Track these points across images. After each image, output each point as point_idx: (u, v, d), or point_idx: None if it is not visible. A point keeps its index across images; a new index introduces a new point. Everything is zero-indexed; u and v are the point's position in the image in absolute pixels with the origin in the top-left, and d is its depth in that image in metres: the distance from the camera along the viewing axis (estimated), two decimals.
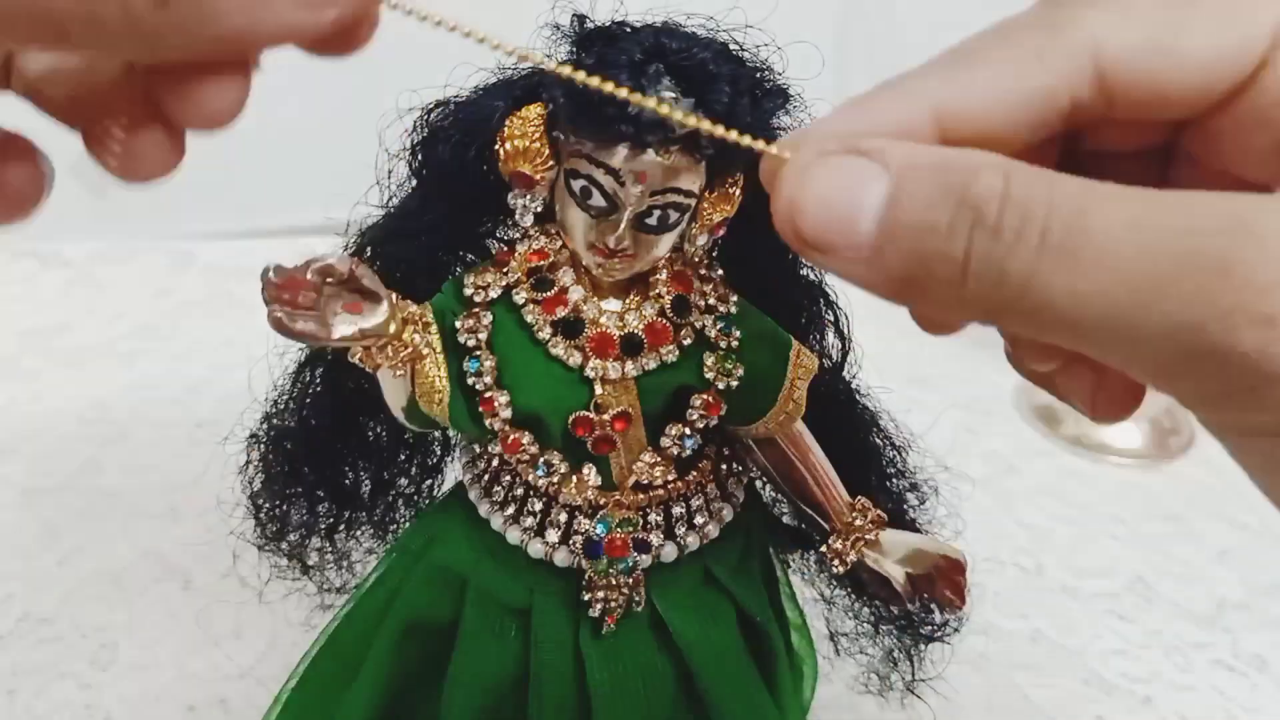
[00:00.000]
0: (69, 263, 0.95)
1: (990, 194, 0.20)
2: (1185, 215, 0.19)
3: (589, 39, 0.32)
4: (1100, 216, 0.19)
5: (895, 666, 0.45)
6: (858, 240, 0.21)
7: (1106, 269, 0.19)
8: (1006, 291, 0.20)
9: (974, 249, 0.20)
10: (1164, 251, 0.19)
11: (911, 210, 0.21)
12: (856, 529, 0.38)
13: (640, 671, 0.38)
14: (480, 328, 0.35)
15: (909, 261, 0.21)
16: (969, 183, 0.20)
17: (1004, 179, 0.20)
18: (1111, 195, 0.20)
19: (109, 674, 0.55)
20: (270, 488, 0.43)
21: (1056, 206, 0.19)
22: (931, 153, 0.21)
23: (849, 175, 0.21)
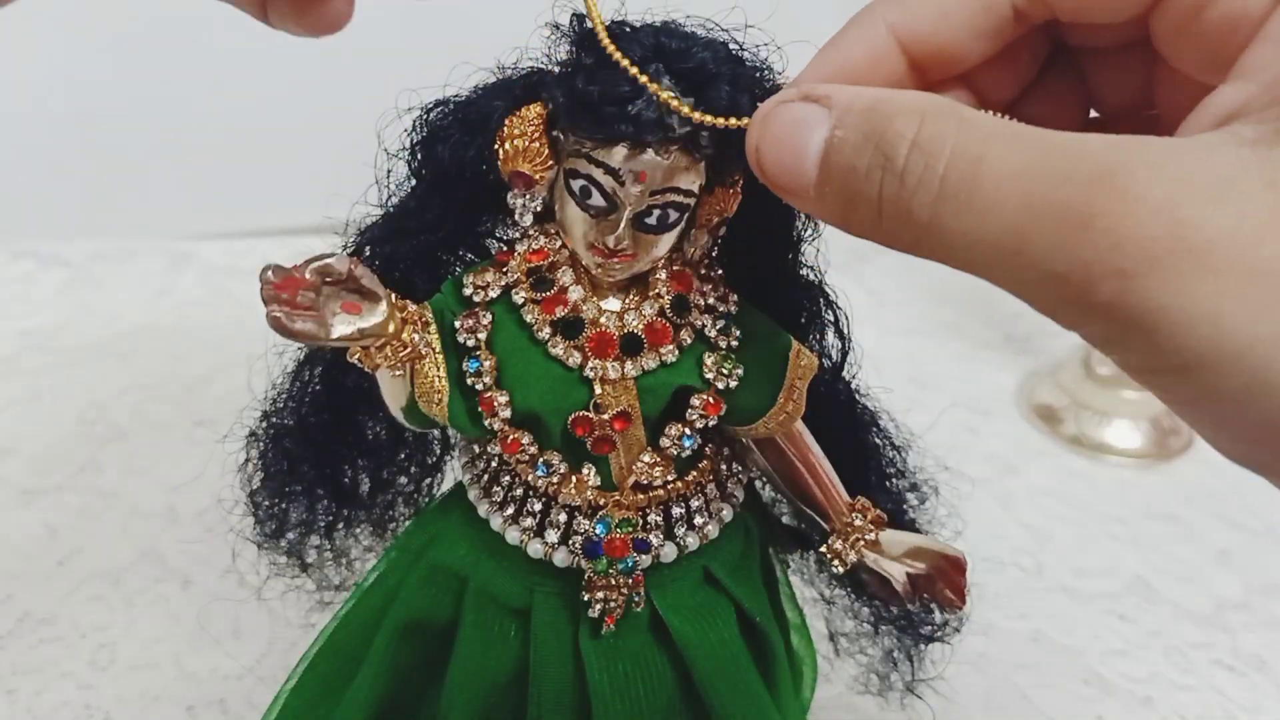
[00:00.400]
0: (68, 263, 0.95)
1: (901, 139, 0.22)
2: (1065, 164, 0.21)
3: (589, 39, 0.32)
4: (993, 164, 0.21)
5: (895, 667, 0.45)
6: (804, 180, 0.24)
7: (994, 216, 0.21)
8: (914, 230, 0.22)
9: (884, 191, 0.22)
10: (1041, 202, 0.20)
11: (841, 154, 0.23)
12: (856, 529, 0.38)
13: (640, 672, 0.38)
14: (479, 327, 0.35)
15: (841, 200, 0.23)
16: (885, 128, 0.22)
17: (918, 123, 0.22)
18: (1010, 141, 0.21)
19: (109, 674, 0.55)
20: (269, 486, 0.43)
21: (957, 153, 0.21)
22: (868, 96, 0.23)
23: (797, 120, 0.24)
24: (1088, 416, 0.78)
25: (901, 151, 0.22)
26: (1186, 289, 0.19)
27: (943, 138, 0.21)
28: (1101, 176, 0.20)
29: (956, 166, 0.21)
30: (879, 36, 0.26)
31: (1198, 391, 0.21)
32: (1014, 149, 0.21)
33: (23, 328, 0.86)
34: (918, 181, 0.22)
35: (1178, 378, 0.21)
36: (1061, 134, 0.21)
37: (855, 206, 0.23)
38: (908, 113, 0.22)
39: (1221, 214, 0.20)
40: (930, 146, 0.22)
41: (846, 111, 0.23)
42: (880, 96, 0.23)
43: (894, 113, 0.22)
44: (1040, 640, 0.61)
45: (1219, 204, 0.20)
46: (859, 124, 0.23)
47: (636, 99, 0.30)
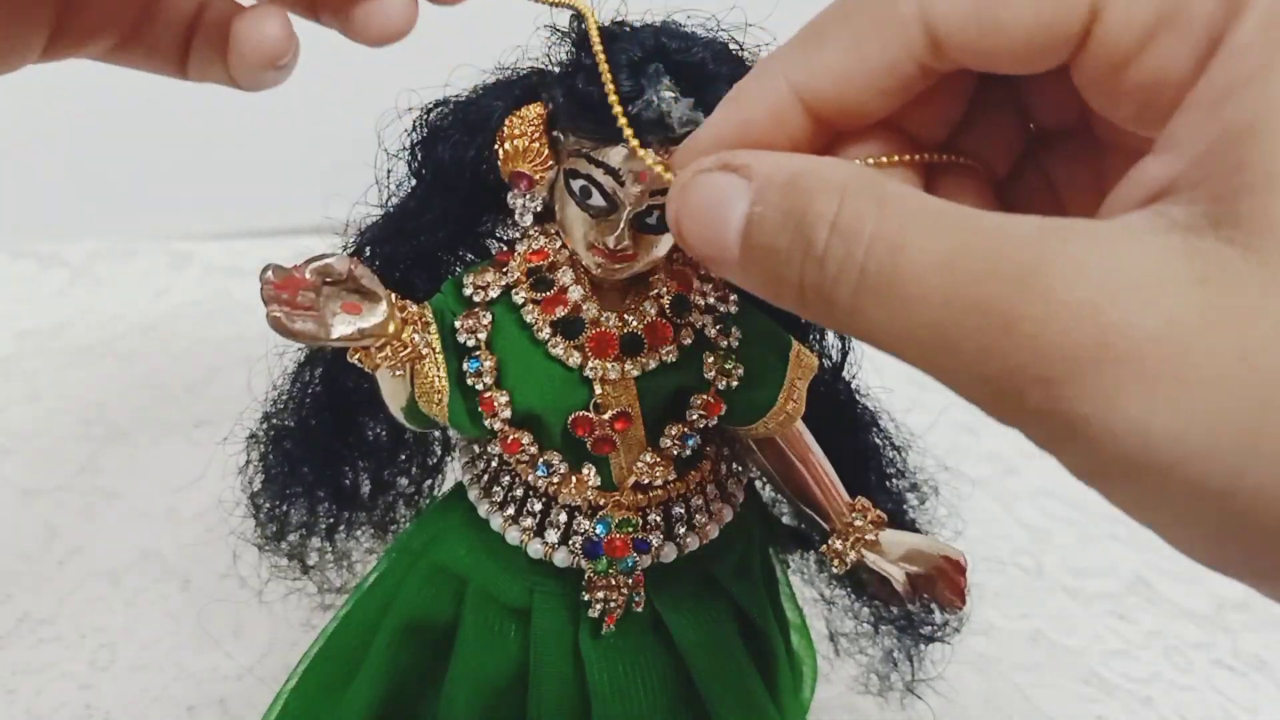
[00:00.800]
0: (68, 263, 0.95)
1: (820, 220, 0.21)
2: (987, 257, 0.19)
3: (589, 39, 0.32)
4: (913, 253, 0.20)
5: (895, 667, 0.45)
6: (727, 255, 0.23)
7: (916, 310, 0.20)
8: (838, 316, 0.21)
9: (806, 277, 0.21)
10: (962, 300, 0.19)
11: (762, 232, 0.22)
12: (856, 529, 0.38)
13: (640, 672, 0.38)
14: (480, 328, 0.35)
15: (765, 278, 0.22)
16: (805, 208, 0.21)
17: (838, 203, 0.21)
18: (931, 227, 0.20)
19: (108, 674, 0.55)
20: (270, 487, 0.43)
21: (876, 239, 0.20)
22: (788, 168, 0.22)
23: (717, 193, 0.23)
24: None
25: (821, 235, 0.21)
26: (1112, 399, 0.18)
27: (862, 220, 0.20)
28: (1023, 275, 0.19)
29: (876, 254, 0.20)
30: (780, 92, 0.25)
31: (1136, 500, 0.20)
32: (935, 236, 0.20)
33: (23, 328, 0.86)
34: (838, 269, 0.21)
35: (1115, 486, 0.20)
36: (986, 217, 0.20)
37: (779, 286, 0.22)
38: (828, 191, 0.21)
39: (1148, 317, 0.18)
40: (849, 230, 0.20)
41: (766, 185, 0.22)
42: (800, 170, 0.22)
43: (814, 190, 0.21)
44: (1040, 640, 0.61)
45: (1146, 305, 0.18)
46: (779, 201, 0.22)
47: (636, 99, 0.30)
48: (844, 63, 0.24)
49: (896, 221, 0.20)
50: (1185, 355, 0.18)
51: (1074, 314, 0.18)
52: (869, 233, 0.20)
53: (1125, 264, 0.19)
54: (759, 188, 0.22)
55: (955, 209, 0.20)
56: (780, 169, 0.22)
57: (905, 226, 0.20)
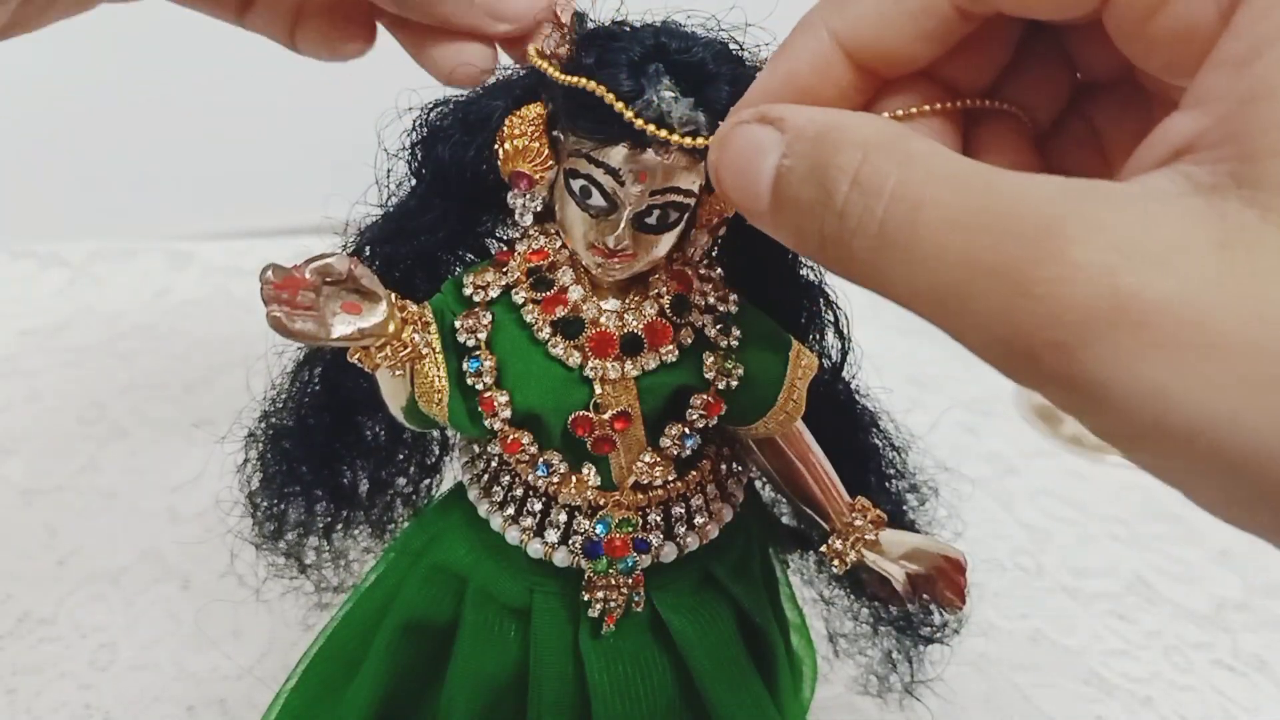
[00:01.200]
0: (68, 263, 0.95)
1: (841, 175, 0.21)
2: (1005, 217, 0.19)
3: (590, 38, 0.32)
4: (932, 211, 0.20)
5: (894, 668, 0.45)
6: (759, 205, 0.23)
7: (933, 268, 0.20)
8: (857, 269, 0.22)
9: (826, 229, 0.22)
10: (979, 260, 0.19)
11: (789, 184, 0.23)
12: (856, 529, 0.38)
13: (640, 671, 0.38)
14: (479, 327, 0.34)
15: (791, 229, 0.23)
16: (828, 161, 0.21)
17: (860, 158, 0.21)
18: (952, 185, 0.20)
19: (108, 674, 0.55)
20: (268, 486, 0.43)
21: (896, 196, 0.20)
22: (819, 122, 0.23)
23: (753, 144, 0.24)
24: None
25: (841, 189, 0.21)
26: (1129, 364, 0.18)
27: (883, 176, 0.21)
28: (1039, 237, 0.19)
29: (895, 211, 0.20)
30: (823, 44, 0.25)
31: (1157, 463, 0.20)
32: (955, 194, 0.20)
33: (23, 328, 0.86)
34: (857, 223, 0.21)
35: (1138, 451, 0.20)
36: (1007, 178, 0.20)
37: (803, 237, 0.23)
38: (852, 146, 0.21)
39: (1167, 280, 0.18)
40: (869, 185, 0.21)
41: (797, 138, 0.23)
42: (830, 124, 0.22)
43: (839, 144, 0.22)
44: (1040, 640, 0.61)
45: (1164, 269, 0.18)
46: (806, 153, 0.22)
47: (636, 100, 0.30)
48: (880, 7, 0.24)
49: (918, 179, 0.20)
50: (1205, 320, 0.18)
51: (1088, 277, 0.18)
52: (889, 189, 0.20)
53: (1143, 227, 0.18)
54: (790, 140, 0.23)
55: (978, 169, 0.20)
56: (812, 122, 0.23)
57: (925, 184, 0.20)
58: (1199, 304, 0.18)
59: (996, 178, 0.20)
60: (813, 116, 0.23)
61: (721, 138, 0.25)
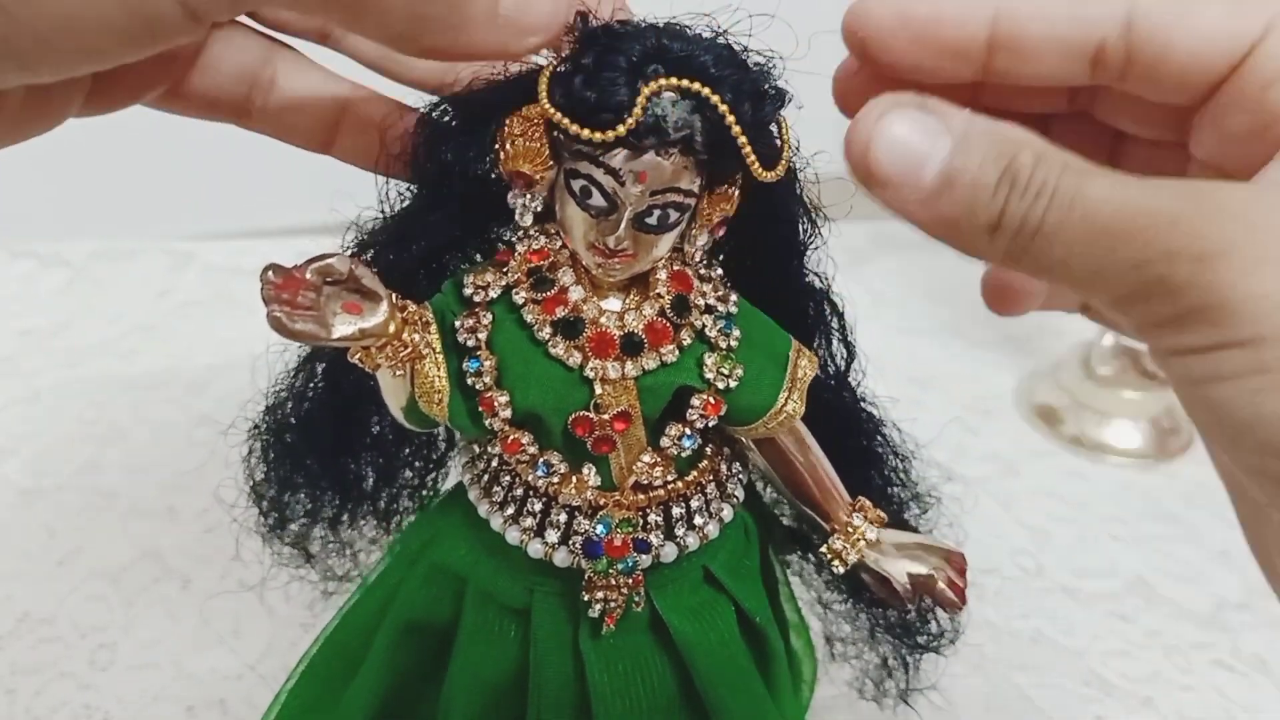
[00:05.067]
0: (69, 263, 0.95)
1: (1025, 165, 0.26)
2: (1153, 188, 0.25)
3: (591, 37, 0.32)
4: (1092, 187, 0.25)
5: (890, 675, 0.45)
6: (920, 183, 0.26)
7: (1092, 223, 0.25)
8: (1023, 238, 0.26)
9: (1009, 204, 0.26)
10: (1132, 212, 0.25)
11: (969, 168, 0.26)
12: (856, 529, 0.38)
13: (640, 672, 0.38)
14: (480, 327, 0.34)
15: (959, 207, 0.26)
16: (1014, 154, 0.26)
17: (1034, 158, 0.26)
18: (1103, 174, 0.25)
19: (108, 674, 0.55)
20: (273, 478, 0.43)
21: (1064, 182, 0.25)
22: (983, 121, 0.27)
23: (921, 128, 0.27)
24: (1088, 416, 0.78)
25: (1025, 175, 0.26)
26: (1255, 275, 0.24)
27: (1054, 169, 0.26)
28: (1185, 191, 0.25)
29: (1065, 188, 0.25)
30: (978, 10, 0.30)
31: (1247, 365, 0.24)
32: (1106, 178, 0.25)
33: (23, 328, 0.86)
34: (1035, 198, 0.25)
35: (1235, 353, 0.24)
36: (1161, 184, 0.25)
37: (973, 216, 0.26)
38: (1029, 145, 0.26)
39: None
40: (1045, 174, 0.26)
41: (968, 133, 0.26)
42: (997, 125, 0.27)
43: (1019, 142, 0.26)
44: (1040, 640, 0.61)
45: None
46: (985, 146, 0.26)
47: (634, 104, 0.30)
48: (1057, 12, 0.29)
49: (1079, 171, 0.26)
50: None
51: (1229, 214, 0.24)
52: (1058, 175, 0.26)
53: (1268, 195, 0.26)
54: (963, 132, 0.26)
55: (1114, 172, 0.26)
56: (978, 120, 0.27)
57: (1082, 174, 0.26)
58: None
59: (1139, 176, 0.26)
60: (973, 119, 0.27)
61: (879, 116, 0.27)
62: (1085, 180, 0.25)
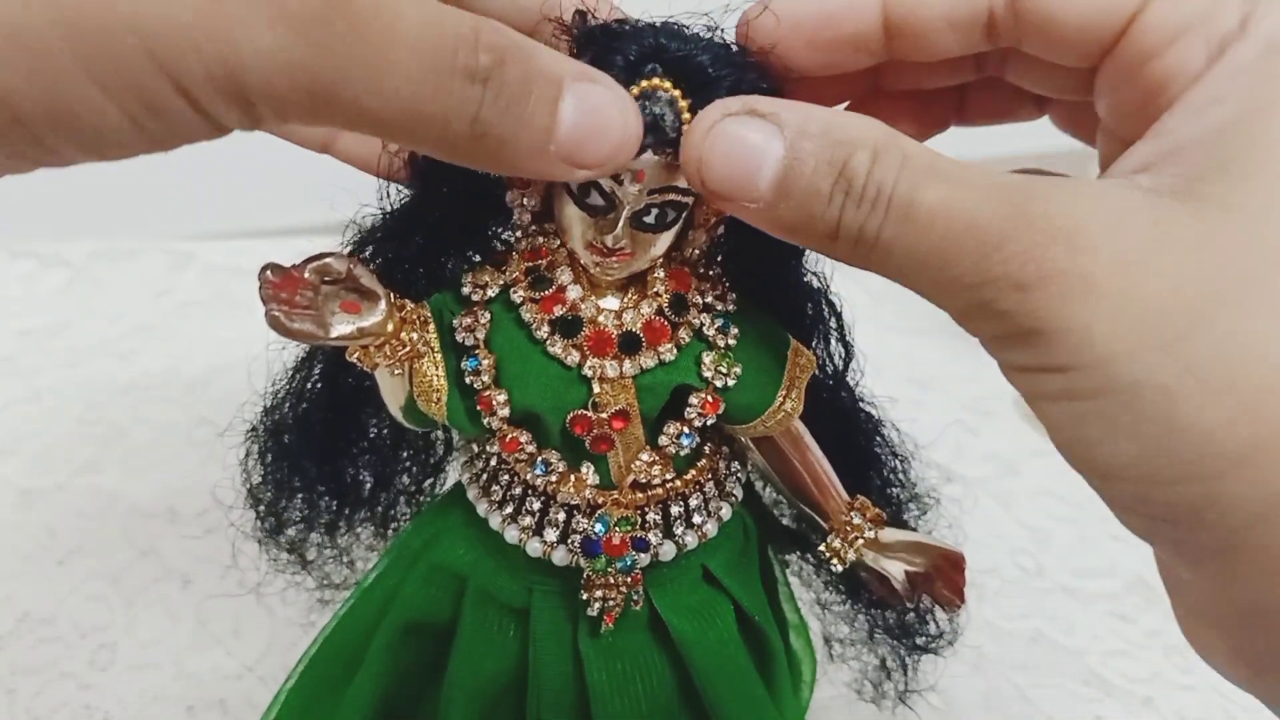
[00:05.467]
0: (69, 263, 0.95)
1: (860, 170, 0.25)
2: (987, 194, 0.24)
3: (590, 36, 0.32)
4: (926, 196, 0.25)
5: (888, 676, 0.45)
6: (756, 194, 0.26)
7: (924, 239, 0.25)
8: (863, 246, 0.26)
9: (845, 214, 0.25)
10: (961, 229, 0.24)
11: (800, 176, 0.25)
12: (855, 527, 0.38)
13: (638, 671, 0.38)
14: (478, 326, 0.35)
15: (797, 215, 0.26)
16: (847, 158, 0.25)
17: (871, 158, 0.25)
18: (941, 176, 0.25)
19: (108, 674, 0.55)
20: (270, 481, 0.43)
21: (900, 186, 0.25)
22: (818, 120, 0.26)
23: (749, 137, 0.26)
24: None
25: (859, 182, 0.25)
26: (1070, 306, 0.23)
27: (891, 170, 0.25)
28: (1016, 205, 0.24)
29: (900, 197, 0.25)
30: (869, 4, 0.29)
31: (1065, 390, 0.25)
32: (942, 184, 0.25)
33: (23, 328, 0.86)
34: (871, 208, 0.25)
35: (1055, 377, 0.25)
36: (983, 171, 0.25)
37: (812, 224, 0.26)
38: (864, 146, 0.25)
39: (1110, 244, 0.23)
40: (881, 178, 0.25)
41: (801, 135, 0.26)
42: (834, 122, 0.26)
43: (854, 143, 0.25)
44: (1040, 640, 0.61)
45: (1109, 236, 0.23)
46: (818, 150, 0.25)
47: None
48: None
49: (915, 170, 0.25)
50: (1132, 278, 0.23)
51: (1053, 238, 0.24)
52: (893, 181, 0.25)
53: (1097, 206, 0.24)
54: (794, 136, 0.26)
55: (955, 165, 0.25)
56: (812, 119, 0.26)
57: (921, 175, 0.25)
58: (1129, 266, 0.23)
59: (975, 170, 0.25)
60: (809, 114, 0.26)
61: (708, 127, 0.27)
62: (921, 185, 0.25)
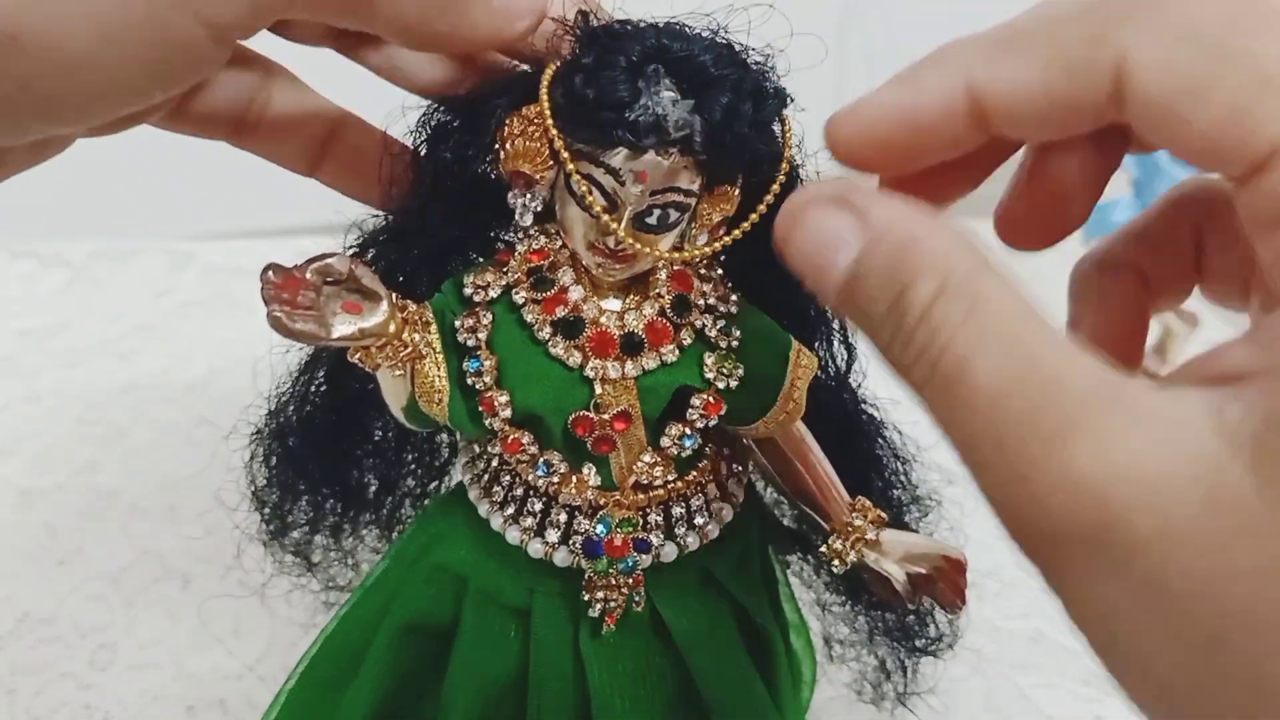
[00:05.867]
0: (69, 263, 0.95)
1: (915, 307, 0.22)
2: (1034, 401, 0.20)
3: (591, 36, 0.32)
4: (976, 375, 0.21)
5: (888, 678, 0.45)
6: (826, 287, 0.24)
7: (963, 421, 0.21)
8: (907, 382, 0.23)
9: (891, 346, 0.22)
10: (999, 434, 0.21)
11: (862, 291, 0.23)
12: (856, 529, 0.38)
13: (640, 671, 0.38)
14: (480, 327, 0.34)
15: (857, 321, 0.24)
16: (906, 284, 0.22)
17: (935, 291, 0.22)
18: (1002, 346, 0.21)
19: (108, 674, 0.55)
20: (275, 483, 0.43)
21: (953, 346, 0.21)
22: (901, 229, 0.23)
23: (829, 232, 0.24)
24: None
25: (912, 319, 0.22)
26: (1091, 584, 0.20)
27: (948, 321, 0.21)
28: (1055, 435, 0.20)
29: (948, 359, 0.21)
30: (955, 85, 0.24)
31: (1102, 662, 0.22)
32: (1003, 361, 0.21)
33: (23, 328, 0.85)
34: (916, 356, 0.22)
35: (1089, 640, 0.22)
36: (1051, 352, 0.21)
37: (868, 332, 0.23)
38: (931, 275, 0.22)
39: (1146, 520, 0.19)
40: (936, 324, 0.22)
41: (876, 244, 0.23)
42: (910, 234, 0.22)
43: (919, 270, 0.22)
44: (1040, 640, 0.61)
45: (1148, 508, 0.19)
46: (883, 266, 0.23)
47: (634, 103, 0.30)
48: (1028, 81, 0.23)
49: (976, 334, 0.21)
50: (1164, 568, 0.19)
51: (1080, 496, 0.19)
52: (947, 337, 0.21)
53: (1147, 454, 0.19)
54: (869, 244, 0.23)
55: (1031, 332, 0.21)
56: (893, 227, 0.23)
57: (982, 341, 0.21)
58: (1165, 552, 0.19)
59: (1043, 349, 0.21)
60: (894, 219, 0.23)
61: (796, 212, 0.24)
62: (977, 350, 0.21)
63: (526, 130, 0.33)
